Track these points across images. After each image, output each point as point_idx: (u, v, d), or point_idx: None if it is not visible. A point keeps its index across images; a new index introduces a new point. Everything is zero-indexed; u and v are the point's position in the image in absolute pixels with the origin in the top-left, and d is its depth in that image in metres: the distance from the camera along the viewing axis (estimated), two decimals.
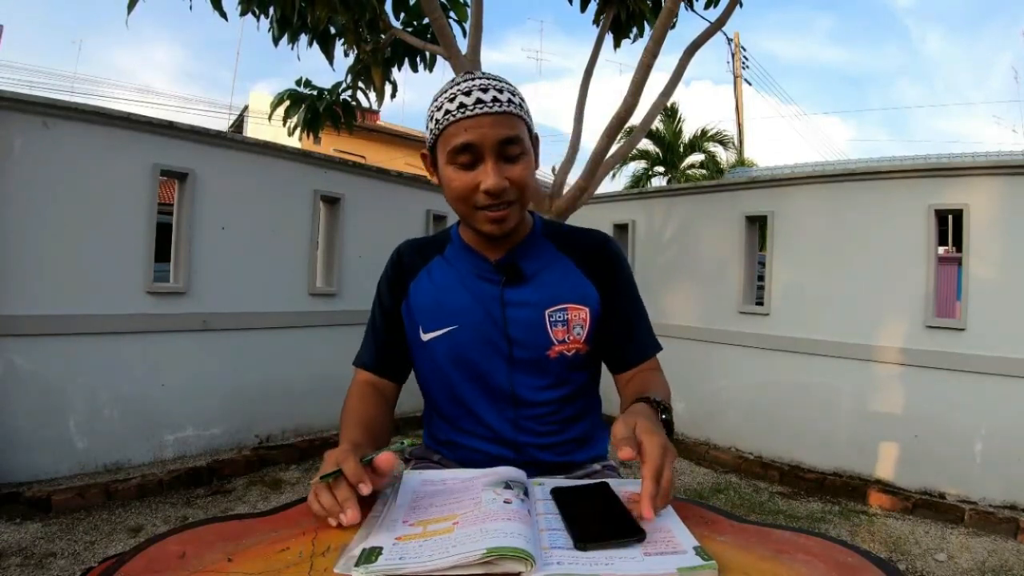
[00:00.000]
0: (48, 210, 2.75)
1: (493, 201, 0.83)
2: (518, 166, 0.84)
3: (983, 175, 3.08)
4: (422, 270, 0.97)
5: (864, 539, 2.70)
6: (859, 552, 0.59)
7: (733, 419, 3.83)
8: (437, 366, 0.94)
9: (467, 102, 0.82)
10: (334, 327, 3.83)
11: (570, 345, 0.92)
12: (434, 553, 0.52)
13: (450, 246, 0.98)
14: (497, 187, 0.82)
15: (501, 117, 0.82)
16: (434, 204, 4.53)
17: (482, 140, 0.81)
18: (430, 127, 0.87)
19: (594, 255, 0.96)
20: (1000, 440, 2.93)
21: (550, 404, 0.94)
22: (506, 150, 0.83)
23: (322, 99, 3.95)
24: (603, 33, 3.75)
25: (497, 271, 0.93)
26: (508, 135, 0.82)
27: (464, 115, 0.81)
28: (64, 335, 2.79)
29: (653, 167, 11.58)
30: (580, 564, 0.53)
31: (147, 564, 0.53)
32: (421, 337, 0.94)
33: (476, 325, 0.92)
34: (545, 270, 0.94)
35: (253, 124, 13.91)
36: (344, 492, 0.63)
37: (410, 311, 0.96)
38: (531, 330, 0.91)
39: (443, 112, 0.84)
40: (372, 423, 0.87)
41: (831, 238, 3.53)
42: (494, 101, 0.82)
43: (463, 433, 0.96)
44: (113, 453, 2.95)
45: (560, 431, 0.95)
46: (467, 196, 0.84)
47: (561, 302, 0.92)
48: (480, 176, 0.83)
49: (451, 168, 0.84)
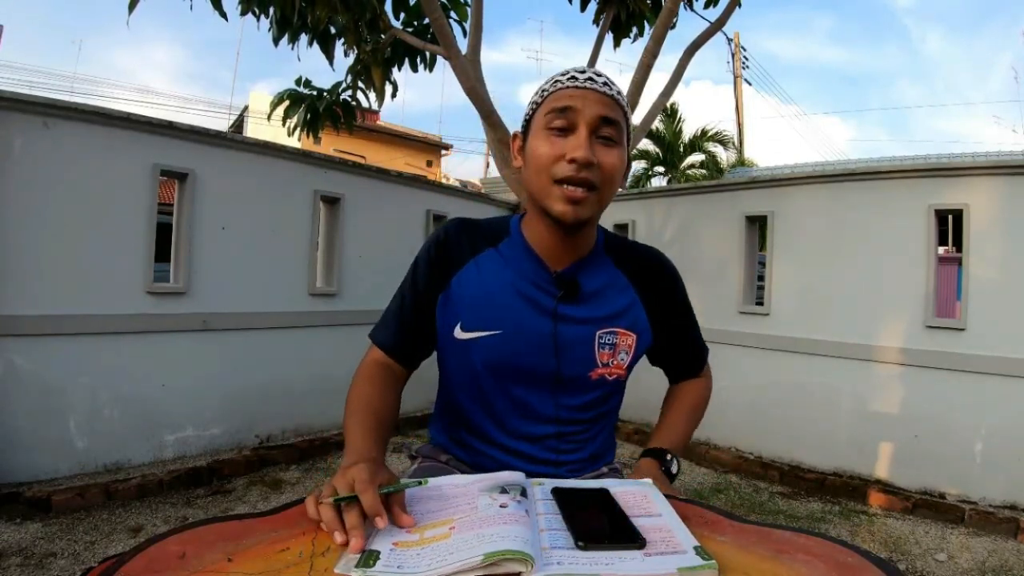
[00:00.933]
0: (48, 210, 2.75)
1: (576, 174, 0.79)
2: (612, 152, 0.82)
3: (983, 175, 3.08)
4: (471, 260, 0.90)
5: (864, 539, 2.70)
6: (859, 552, 0.59)
7: (733, 419, 3.83)
8: (471, 368, 0.89)
9: (579, 76, 0.82)
10: (334, 327, 3.83)
11: (612, 370, 0.90)
12: (432, 562, 0.52)
13: (507, 240, 0.92)
14: (585, 158, 0.78)
15: (607, 98, 0.81)
16: (434, 204, 4.53)
17: (583, 107, 0.80)
18: (533, 100, 0.86)
19: (652, 277, 0.95)
20: (1000, 440, 2.93)
21: (583, 423, 0.92)
22: (603, 130, 0.81)
23: (322, 99, 3.96)
24: (603, 33, 3.75)
25: (556, 284, 0.88)
26: (609, 115, 0.81)
27: (573, 84, 0.81)
28: (64, 335, 2.79)
29: (653, 167, 11.58)
30: (580, 564, 0.53)
31: (147, 564, 0.53)
32: (456, 334, 0.88)
33: (523, 335, 0.87)
34: (603, 290, 0.91)
35: (253, 124, 13.92)
36: (354, 519, 0.57)
37: (449, 302, 0.89)
38: (579, 349, 0.88)
39: (551, 83, 0.84)
40: (381, 412, 0.83)
41: (831, 238, 3.53)
42: (605, 84, 0.82)
43: (486, 442, 0.92)
44: (113, 453, 2.95)
45: (580, 449, 0.94)
46: (550, 165, 0.81)
47: (613, 325, 0.90)
48: (570, 145, 0.80)
49: (542, 134, 0.82)
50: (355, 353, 0.98)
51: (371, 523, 0.58)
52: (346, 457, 0.75)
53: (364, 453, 0.74)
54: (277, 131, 4.63)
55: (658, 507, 0.66)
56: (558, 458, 0.92)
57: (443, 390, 0.98)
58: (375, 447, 0.77)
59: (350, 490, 0.61)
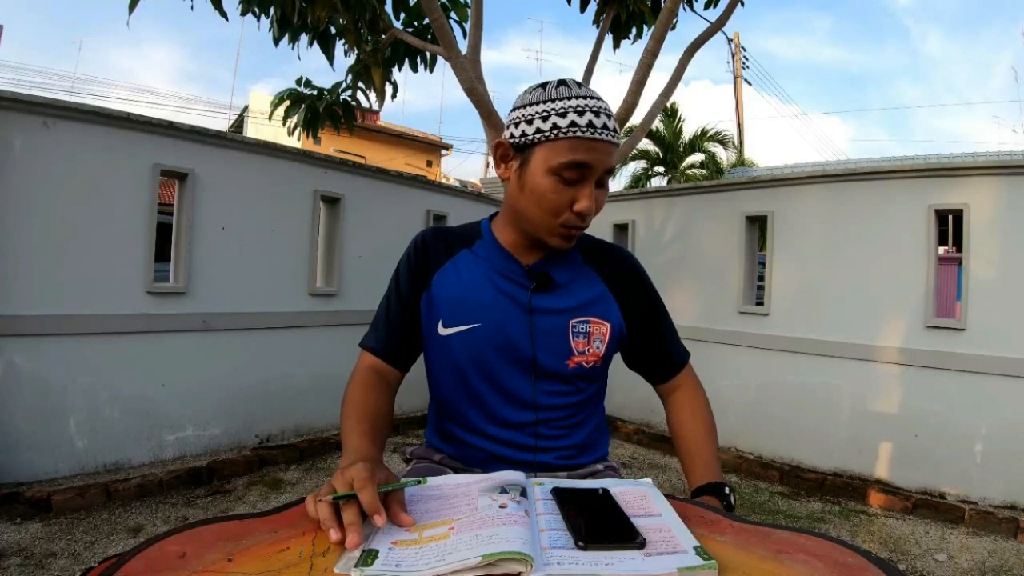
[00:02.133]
0: (49, 210, 2.75)
1: (580, 224, 0.86)
2: (603, 194, 0.88)
3: (983, 175, 3.08)
4: (448, 261, 0.96)
5: (864, 539, 2.70)
6: (859, 552, 0.59)
7: (733, 419, 3.83)
8: (453, 361, 0.94)
9: (596, 123, 0.82)
10: (334, 327, 3.83)
11: (588, 358, 0.93)
12: (430, 561, 0.52)
13: (480, 242, 0.97)
14: (591, 212, 0.85)
15: (612, 147, 0.85)
16: (434, 204, 4.53)
17: (597, 164, 0.83)
18: (537, 124, 0.83)
19: (618, 271, 0.98)
20: (1000, 440, 2.93)
21: (564, 409, 0.95)
22: (604, 178, 0.87)
23: (322, 99, 3.96)
24: (603, 34, 3.75)
25: (528, 276, 0.93)
26: (611, 166, 0.86)
27: (592, 135, 0.82)
28: (64, 335, 2.79)
29: (653, 167, 11.58)
30: (580, 564, 0.53)
31: (147, 564, 0.53)
32: (439, 330, 0.93)
33: (500, 327, 0.91)
34: (573, 281, 0.95)
35: (253, 124, 13.93)
36: (351, 516, 0.58)
37: (431, 302, 0.94)
38: (554, 338, 0.92)
39: (568, 122, 0.82)
40: (376, 417, 0.86)
41: (831, 238, 3.53)
42: (613, 131, 0.84)
43: (472, 432, 0.95)
44: (113, 453, 2.95)
45: (568, 435, 0.96)
46: (559, 211, 0.85)
47: (585, 314, 0.94)
48: (578, 195, 0.84)
49: (551, 179, 0.83)
50: (355, 353, 0.99)
51: (371, 522, 0.58)
52: (344, 458, 0.76)
53: (363, 453, 0.75)
54: (277, 131, 4.64)
55: (658, 507, 0.66)
56: (537, 443, 0.94)
57: (431, 388, 1.01)
58: (373, 447, 0.79)
59: (349, 489, 0.61)
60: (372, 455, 0.75)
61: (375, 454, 0.77)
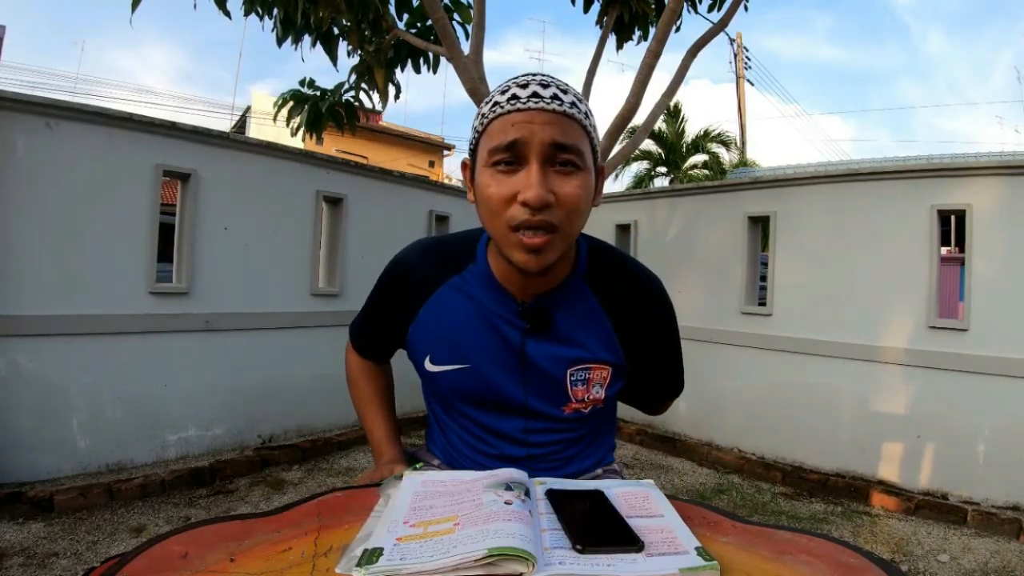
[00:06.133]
0: (51, 210, 2.75)
1: (531, 218, 0.68)
2: (571, 181, 0.69)
3: (986, 175, 3.07)
4: (434, 294, 0.86)
5: (867, 540, 2.69)
6: (862, 553, 0.59)
7: (735, 420, 3.82)
8: (442, 396, 0.90)
9: (521, 94, 0.69)
10: (336, 327, 3.83)
11: (587, 403, 0.85)
12: (435, 553, 0.52)
13: (472, 268, 0.85)
14: (538, 199, 0.67)
15: (558, 117, 0.69)
16: (436, 205, 4.53)
17: (529, 138, 0.67)
18: (474, 126, 0.74)
19: (628, 303, 0.85)
20: (1003, 441, 2.92)
21: (559, 444, 0.89)
22: (558, 156, 0.69)
23: (325, 100, 3.96)
24: (606, 34, 3.75)
25: (522, 316, 0.81)
26: (562, 140, 0.68)
27: (514, 108, 0.68)
28: (67, 335, 2.79)
29: (656, 167, 11.58)
30: (581, 564, 0.53)
31: (149, 564, 0.53)
32: (427, 366, 0.87)
33: (489, 369, 0.83)
34: (576, 324, 0.83)
35: (255, 124, 13.95)
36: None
37: (419, 334, 0.87)
38: (549, 386, 0.84)
39: (491, 105, 0.71)
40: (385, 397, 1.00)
41: (834, 238, 3.52)
42: (553, 98, 0.69)
43: (472, 450, 0.92)
44: (115, 453, 2.95)
45: (557, 469, 0.90)
46: (502, 209, 0.69)
47: (584, 362, 0.83)
48: (521, 183, 0.68)
49: (488, 172, 0.70)
50: None
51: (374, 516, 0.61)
52: (378, 455, 0.95)
53: (395, 455, 0.94)
54: (280, 131, 4.64)
55: (659, 508, 0.66)
56: (549, 465, 0.90)
57: (426, 404, 0.99)
58: (396, 442, 0.96)
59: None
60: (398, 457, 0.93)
61: (400, 452, 0.95)
